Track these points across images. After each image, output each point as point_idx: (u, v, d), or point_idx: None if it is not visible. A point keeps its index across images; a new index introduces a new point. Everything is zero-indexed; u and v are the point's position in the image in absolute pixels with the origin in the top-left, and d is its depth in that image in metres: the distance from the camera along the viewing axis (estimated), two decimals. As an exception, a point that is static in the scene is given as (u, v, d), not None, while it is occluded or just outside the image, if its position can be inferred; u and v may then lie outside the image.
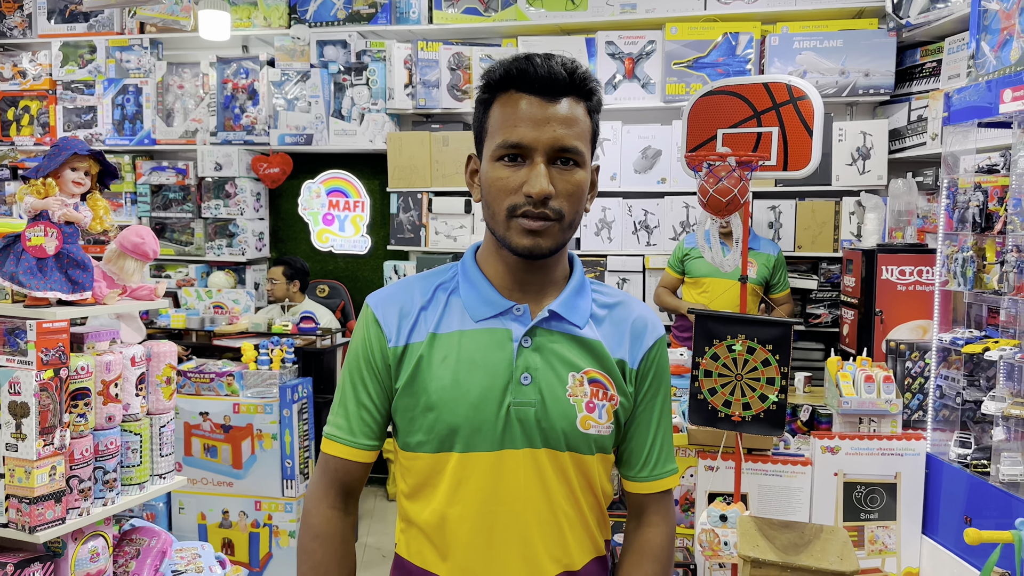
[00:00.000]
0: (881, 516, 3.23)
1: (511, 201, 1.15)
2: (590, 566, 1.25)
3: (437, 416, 1.18)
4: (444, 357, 1.20)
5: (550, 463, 1.20)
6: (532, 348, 1.20)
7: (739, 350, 2.91)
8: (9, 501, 1.78)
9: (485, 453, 1.18)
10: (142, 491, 2.03)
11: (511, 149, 1.15)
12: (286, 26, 4.92)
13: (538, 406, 1.19)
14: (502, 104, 1.17)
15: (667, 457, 1.33)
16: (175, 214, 5.16)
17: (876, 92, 4.19)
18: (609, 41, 4.50)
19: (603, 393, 1.22)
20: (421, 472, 1.22)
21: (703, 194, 2.82)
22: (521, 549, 1.19)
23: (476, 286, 1.24)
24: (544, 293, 1.25)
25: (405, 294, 1.26)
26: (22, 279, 1.80)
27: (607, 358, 1.24)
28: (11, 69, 5.33)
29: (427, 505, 1.22)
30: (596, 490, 1.26)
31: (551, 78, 1.14)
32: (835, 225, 4.29)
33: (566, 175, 1.16)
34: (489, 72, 1.20)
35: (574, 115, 1.16)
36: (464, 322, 1.22)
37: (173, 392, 2.12)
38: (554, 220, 1.15)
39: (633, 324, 1.28)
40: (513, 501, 1.19)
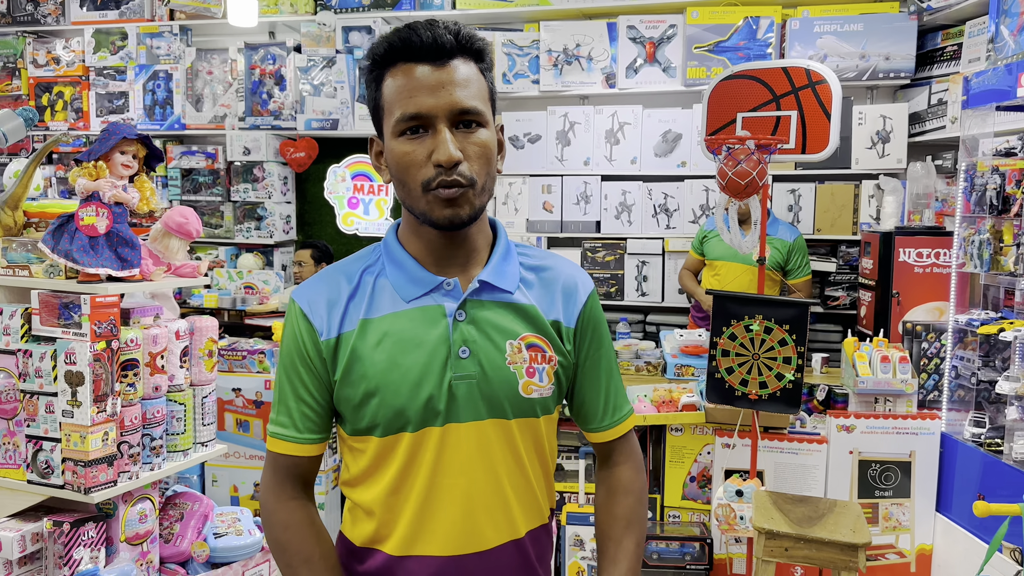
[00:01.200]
0: (895, 493, 3.30)
1: (423, 175, 1.13)
2: (535, 532, 1.28)
3: (381, 400, 1.18)
4: (379, 341, 1.19)
5: (495, 433, 1.21)
6: (467, 321, 1.20)
7: (756, 330, 2.98)
8: (65, 464, 1.90)
9: (431, 429, 1.19)
10: (186, 457, 2.15)
11: (411, 121, 1.12)
12: (312, 12, 5.01)
13: (479, 377, 1.19)
14: (393, 77, 1.15)
15: (621, 402, 1.37)
16: (205, 197, 5.28)
17: (896, 76, 4.22)
18: (630, 25, 4.55)
19: (542, 356, 1.23)
20: (372, 455, 1.22)
21: (722, 177, 2.88)
22: (464, 522, 1.20)
23: (402, 266, 1.22)
24: (471, 263, 1.24)
25: (331, 284, 1.24)
26: (76, 256, 1.91)
27: (542, 321, 1.24)
28: (45, 56, 5.46)
29: (373, 486, 1.22)
30: (544, 452, 1.28)
31: (437, 42, 1.12)
32: (854, 208, 4.33)
33: (471, 137, 1.14)
34: (374, 48, 1.17)
35: (468, 76, 1.14)
36: (395, 304, 1.21)
37: (215, 365, 2.23)
38: (467, 186, 1.14)
39: (564, 284, 1.28)
40: (457, 475, 1.19)
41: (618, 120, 4.59)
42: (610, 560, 1.31)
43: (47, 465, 1.92)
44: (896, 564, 3.31)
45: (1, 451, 2.01)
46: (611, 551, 1.32)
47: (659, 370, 3.90)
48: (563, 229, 4.70)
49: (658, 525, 3.43)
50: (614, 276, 4.63)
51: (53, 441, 1.91)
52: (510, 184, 4.75)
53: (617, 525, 1.34)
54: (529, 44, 4.68)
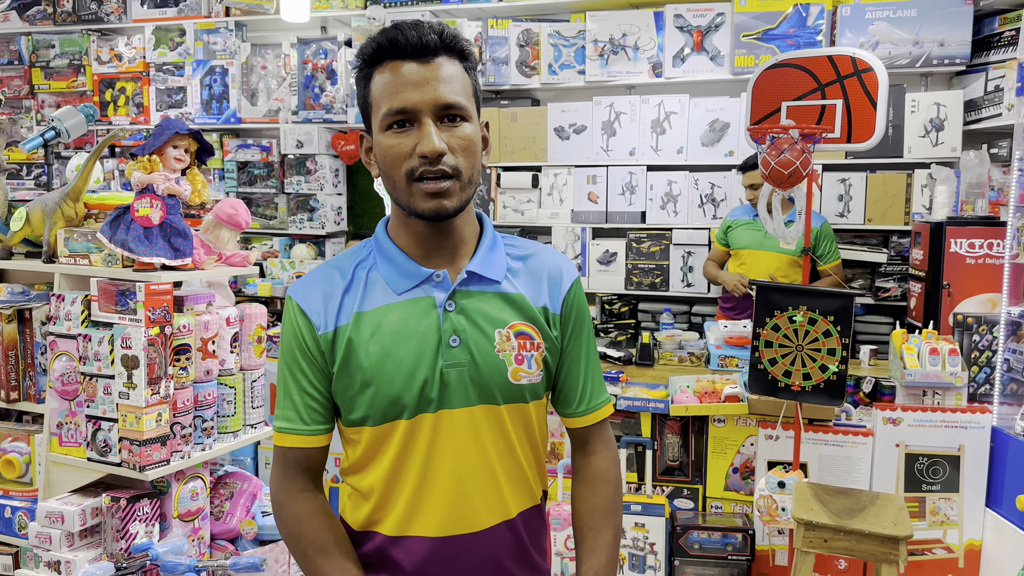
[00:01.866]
0: (943, 488, 3.25)
1: (407, 166, 1.18)
2: (526, 513, 1.32)
3: (376, 390, 1.22)
4: (373, 333, 1.23)
5: (486, 418, 1.25)
6: (456, 311, 1.24)
7: (800, 321, 2.96)
8: (122, 443, 2.00)
9: (425, 415, 1.23)
10: (235, 439, 2.24)
11: (398, 115, 1.17)
12: (362, 7, 5.10)
13: (469, 365, 1.23)
14: (380, 74, 1.20)
15: (599, 389, 1.41)
16: (260, 189, 5.43)
17: (951, 62, 4.12)
18: (677, 14, 4.52)
19: (530, 344, 1.28)
20: (368, 444, 1.26)
21: (765, 166, 2.87)
22: (457, 504, 1.24)
23: (392, 260, 1.27)
24: (459, 255, 1.28)
25: (326, 280, 1.28)
26: (132, 246, 2.00)
27: (530, 309, 1.29)
28: (108, 53, 5.66)
29: (371, 473, 1.27)
30: (534, 436, 1.33)
31: (421, 41, 1.17)
32: (906, 198, 4.25)
33: (455, 131, 1.19)
34: (363, 48, 1.22)
35: (452, 73, 1.19)
36: (387, 296, 1.25)
37: (263, 350, 2.31)
38: (452, 177, 1.18)
39: (549, 272, 1.33)
40: (450, 459, 1.24)
41: (664, 110, 4.57)
42: (589, 550, 1.35)
43: (105, 444, 2.03)
44: (944, 559, 3.26)
45: (64, 430, 2.13)
46: (590, 541, 1.35)
47: (703, 361, 3.90)
48: (608, 220, 4.71)
49: (700, 515, 3.43)
50: (659, 267, 4.62)
51: (111, 421, 2.02)
52: (555, 175, 4.77)
53: (596, 515, 1.37)
54: (575, 35, 4.69)
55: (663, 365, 3.91)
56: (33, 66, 5.79)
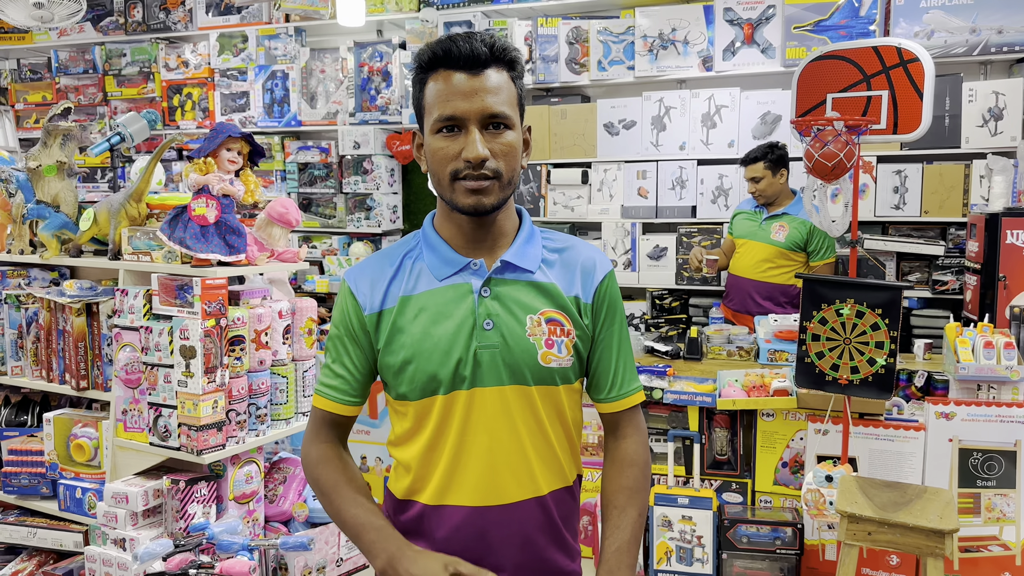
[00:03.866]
0: (999, 484, 3.18)
1: (453, 167, 1.29)
2: (557, 493, 1.40)
3: (416, 367, 1.33)
4: (415, 315, 1.35)
5: (517, 398, 1.34)
6: (491, 297, 1.34)
7: (847, 314, 2.94)
8: (180, 429, 2.13)
9: (460, 392, 1.33)
10: (288, 426, 2.36)
11: (447, 121, 1.28)
12: (416, 10, 5.21)
13: (501, 347, 1.33)
14: (434, 82, 1.30)
15: (631, 377, 1.48)
16: (319, 190, 5.59)
17: (1011, 49, 4.01)
18: (727, 8, 4.51)
19: (561, 329, 1.36)
20: (412, 417, 1.37)
21: (808, 159, 2.86)
22: (489, 477, 1.34)
23: (436, 249, 1.38)
24: (497, 246, 1.38)
25: (375, 266, 1.41)
26: (189, 243, 2.13)
27: (561, 297, 1.38)
28: (176, 60, 5.91)
29: (412, 445, 1.38)
30: (566, 419, 1.41)
31: (473, 54, 1.27)
32: (964, 189, 4.16)
33: (498, 138, 1.29)
34: (419, 55, 1.33)
35: (499, 84, 1.29)
36: (430, 282, 1.36)
37: (314, 342, 2.42)
38: (493, 179, 1.29)
39: (583, 264, 1.42)
40: (482, 433, 1.33)
41: (715, 103, 4.56)
42: (613, 526, 1.42)
43: (166, 429, 2.16)
44: (1000, 556, 3.19)
45: (129, 416, 2.27)
46: (615, 518, 1.42)
47: (752, 355, 3.89)
48: (658, 215, 4.72)
49: (749, 509, 3.43)
50: (710, 261, 4.61)
51: (171, 408, 2.15)
52: (605, 171, 4.81)
53: (622, 494, 1.44)
54: (624, 31, 4.71)
55: (712, 359, 3.91)
56: (106, 74, 6.08)
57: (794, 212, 4.00)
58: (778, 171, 4.01)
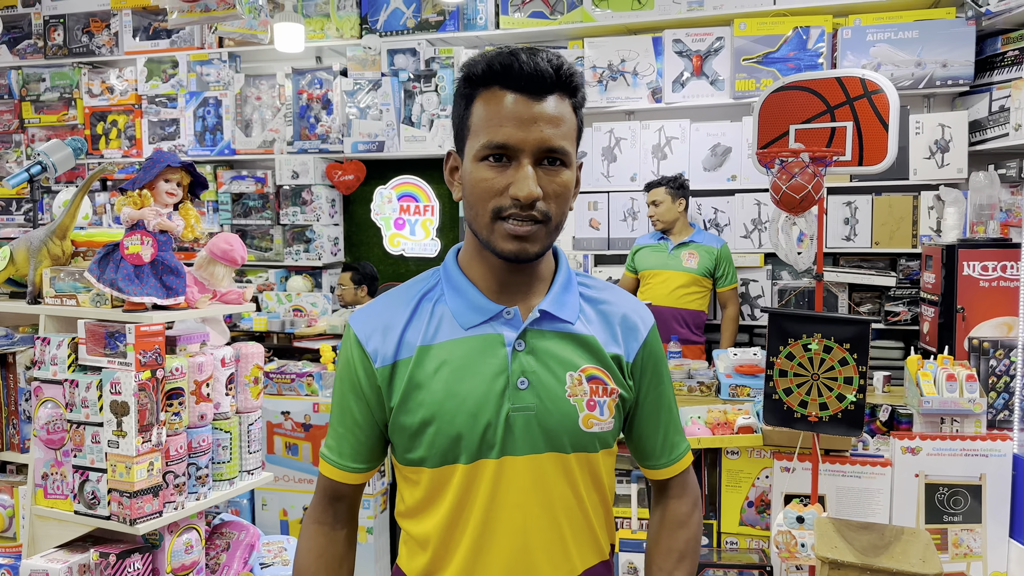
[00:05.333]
0: (965, 519, 3.14)
1: (496, 203, 1.11)
2: (594, 570, 1.24)
3: (437, 429, 1.16)
4: (437, 369, 1.17)
5: (554, 467, 1.18)
6: (526, 351, 1.17)
7: (815, 349, 2.87)
8: (111, 495, 1.89)
9: (487, 461, 1.16)
10: (232, 487, 2.13)
11: (496, 150, 1.10)
12: (358, 36, 5.05)
13: (538, 410, 1.16)
14: (485, 101, 1.12)
15: (679, 440, 1.35)
16: (255, 221, 5.34)
17: (955, 83, 4.07)
18: (676, 39, 4.48)
19: (603, 389, 1.20)
20: (426, 485, 1.20)
21: (776, 191, 2.79)
22: (520, 558, 1.17)
23: (462, 292, 1.20)
24: (532, 292, 1.21)
25: (387, 310, 1.22)
26: (121, 285, 1.91)
27: (602, 352, 1.21)
28: (100, 85, 5.60)
29: (428, 518, 1.20)
30: (603, 488, 1.25)
31: (537, 75, 1.10)
32: (913, 220, 4.18)
33: (553, 176, 1.12)
34: (471, 66, 1.15)
35: (561, 113, 1.12)
36: (454, 331, 1.18)
37: (260, 391, 2.21)
38: (541, 223, 1.12)
39: (624, 319, 1.26)
40: (513, 508, 1.17)
41: (665, 135, 4.52)
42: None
43: (93, 496, 1.92)
44: (968, 593, 3.15)
45: (50, 481, 2.02)
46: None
47: (712, 390, 3.80)
48: (610, 246, 4.63)
49: (715, 552, 3.32)
50: (664, 294, 4.54)
51: (99, 472, 1.91)
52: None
53: (670, 558, 1.31)
54: (573, 61, 4.64)
55: (671, 395, 3.81)
56: (23, 100, 5.72)
57: (700, 241, 4.18)
58: (677, 199, 4.19)
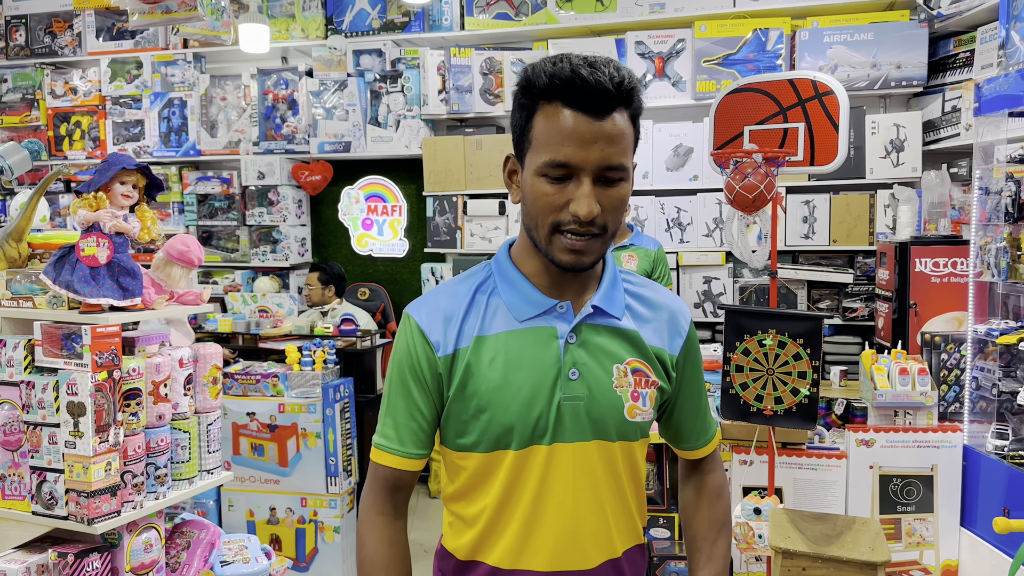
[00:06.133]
0: (918, 508, 3.23)
1: (556, 218, 1.15)
2: (631, 552, 1.31)
3: (491, 417, 1.21)
4: (492, 359, 1.22)
5: (599, 454, 1.24)
6: (577, 344, 1.23)
7: (770, 344, 2.94)
8: (68, 495, 1.90)
9: (538, 447, 1.22)
10: (191, 486, 2.14)
11: (557, 169, 1.13)
12: (323, 37, 5.06)
13: (587, 399, 1.22)
14: (547, 116, 1.14)
15: (711, 421, 1.44)
16: (221, 222, 5.33)
17: (909, 84, 4.17)
18: (639, 41, 4.54)
19: (645, 381, 1.27)
20: (474, 471, 1.25)
21: (729, 191, 2.86)
22: (569, 540, 1.23)
23: (516, 286, 1.25)
24: (584, 288, 1.27)
25: (446, 301, 1.26)
26: (77, 287, 1.91)
27: (645, 347, 1.28)
28: (63, 86, 5.56)
29: (477, 501, 1.26)
30: (639, 474, 1.32)
31: (601, 93, 1.10)
32: (870, 218, 4.28)
33: (611, 191, 1.15)
34: (533, 76, 1.15)
35: (621, 130, 1.13)
36: (509, 323, 1.23)
37: (219, 392, 2.22)
38: (597, 235, 1.17)
39: (669, 314, 1.33)
40: (562, 493, 1.22)
41: (628, 135, 4.57)
42: (707, 557, 1.38)
43: (51, 496, 1.93)
44: (921, 581, 3.24)
45: (7, 482, 2.02)
46: (707, 550, 1.39)
47: (674, 386, 3.87)
48: (576, 246, 4.68)
49: (676, 544, 3.38)
50: (628, 292, 4.59)
51: (56, 472, 1.91)
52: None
53: (713, 527, 1.41)
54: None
55: (634, 392, 3.86)
56: (-16, 101, 5.67)
57: (639, 244, 4.12)
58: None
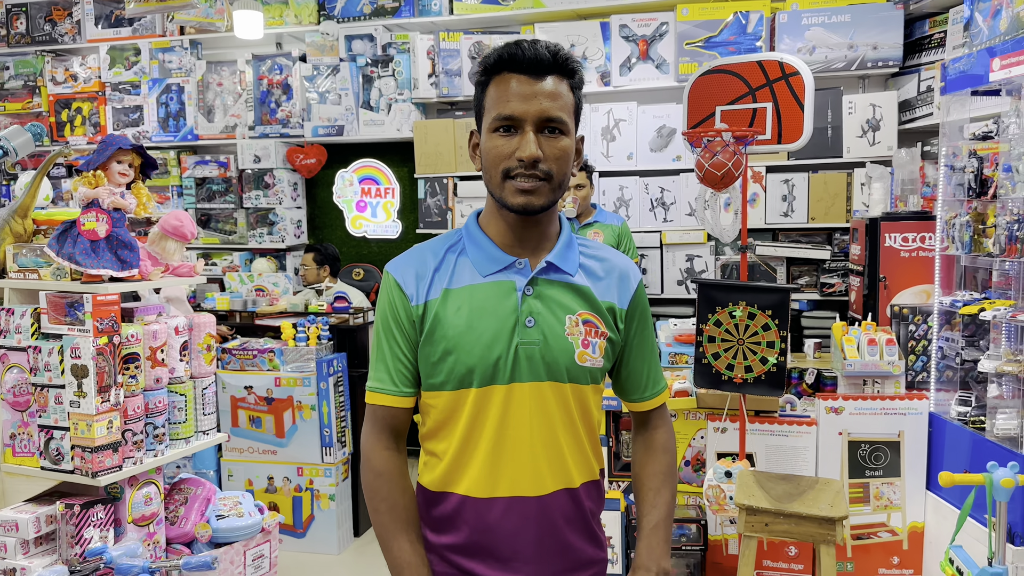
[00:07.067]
0: (886, 473, 3.37)
1: (506, 165, 1.33)
2: (587, 485, 1.46)
3: (456, 358, 1.37)
4: (458, 308, 1.38)
5: (553, 394, 1.39)
6: (534, 296, 1.39)
7: (740, 316, 3.07)
8: (74, 451, 2.05)
9: (498, 386, 1.37)
10: (188, 445, 2.30)
11: (505, 121, 1.33)
12: (316, 23, 5.18)
13: (541, 344, 1.38)
14: (496, 84, 1.36)
15: (658, 377, 1.57)
16: (219, 205, 5.47)
17: (885, 64, 4.28)
18: (623, 24, 4.65)
19: (595, 331, 1.42)
20: (443, 408, 1.40)
21: (699, 169, 2.99)
22: (528, 468, 1.38)
23: (481, 246, 1.43)
24: (540, 248, 1.43)
25: (419, 259, 1.44)
26: (79, 259, 2.06)
27: (596, 301, 1.43)
28: (63, 73, 5.68)
29: (447, 437, 1.41)
30: (591, 417, 1.47)
31: (536, 59, 1.33)
32: (847, 196, 4.40)
33: (552, 141, 1.34)
34: (485, 58, 1.38)
35: (558, 90, 1.35)
36: (474, 277, 1.40)
37: (213, 358, 2.37)
38: (543, 180, 1.34)
39: (619, 273, 1.49)
40: (520, 427, 1.38)
41: (613, 117, 4.70)
42: (650, 505, 1.51)
43: (58, 452, 2.08)
44: (889, 542, 3.38)
45: (17, 440, 2.17)
46: (651, 498, 1.52)
47: (655, 359, 4.00)
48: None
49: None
50: (614, 270, 4.72)
51: (63, 430, 2.07)
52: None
53: (656, 478, 1.54)
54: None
55: (617, 365, 4.00)
56: (-13, 88, 5.80)
57: (603, 220, 4.19)
58: (590, 182, 4.19)
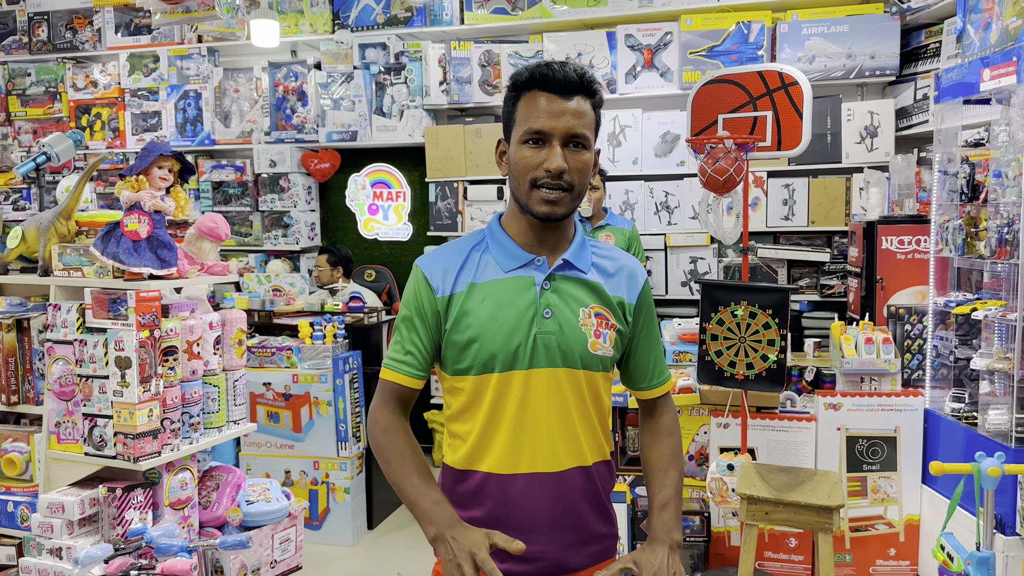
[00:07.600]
0: (883, 467, 3.50)
1: (533, 175, 1.47)
2: (599, 465, 1.59)
3: (480, 345, 1.50)
4: (482, 300, 1.52)
5: (567, 379, 1.53)
6: (551, 290, 1.53)
7: (741, 315, 3.21)
8: (117, 437, 2.20)
9: (518, 372, 1.51)
10: (220, 433, 2.44)
11: (535, 135, 1.48)
12: (330, 31, 5.33)
13: (558, 334, 1.51)
14: (527, 100, 1.50)
15: (663, 368, 1.71)
16: (235, 208, 5.62)
17: (882, 73, 4.42)
18: (628, 34, 4.80)
19: (606, 323, 1.56)
20: (469, 391, 1.54)
21: (702, 174, 3.13)
22: (545, 447, 1.52)
23: (503, 245, 1.57)
24: (558, 247, 1.57)
25: (446, 256, 1.58)
26: (122, 258, 2.21)
27: (607, 296, 1.57)
28: (84, 80, 5.84)
29: (471, 419, 1.54)
30: (602, 403, 1.61)
31: (566, 80, 1.48)
32: (846, 200, 4.54)
33: (576, 155, 1.49)
34: (517, 75, 1.53)
35: (583, 109, 1.49)
36: (496, 273, 1.54)
37: (244, 352, 2.51)
38: (566, 191, 1.48)
39: (628, 271, 1.63)
40: (538, 409, 1.51)
41: (619, 123, 4.84)
42: (660, 485, 1.62)
43: (101, 439, 2.22)
44: (885, 534, 3.51)
45: (62, 428, 2.32)
46: (660, 478, 1.63)
47: (659, 357, 4.13)
48: (570, 228, 4.94)
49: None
50: (619, 271, 4.86)
51: (106, 418, 2.21)
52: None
53: (664, 459, 1.65)
54: (533, 55, 4.95)
55: (622, 363, 4.14)
56: (10, 94, 5.96)
57: (614, 224, 4.31)
58: (603, 185, 4.32)
